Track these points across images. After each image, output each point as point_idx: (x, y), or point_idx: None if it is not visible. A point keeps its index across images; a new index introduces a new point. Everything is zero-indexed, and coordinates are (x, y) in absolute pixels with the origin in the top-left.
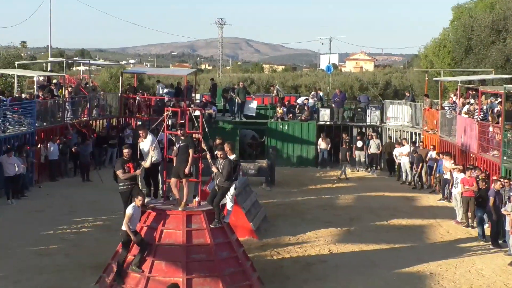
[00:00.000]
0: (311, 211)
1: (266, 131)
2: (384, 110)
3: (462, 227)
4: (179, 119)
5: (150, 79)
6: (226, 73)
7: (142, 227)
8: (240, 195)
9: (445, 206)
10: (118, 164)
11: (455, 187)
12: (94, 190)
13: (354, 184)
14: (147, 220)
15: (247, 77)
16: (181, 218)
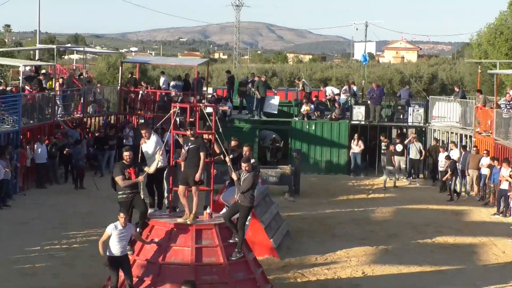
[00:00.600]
0: (342, 226)
1: (290, 131)
2: (429, 108)
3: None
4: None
5: (155, 70)
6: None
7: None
8: (259, 206)
9: (501, 221)
10: (117, 169)
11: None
12: (89, 199)
13: (393, 195)
14: (149, 235)
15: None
16: (189, 233)
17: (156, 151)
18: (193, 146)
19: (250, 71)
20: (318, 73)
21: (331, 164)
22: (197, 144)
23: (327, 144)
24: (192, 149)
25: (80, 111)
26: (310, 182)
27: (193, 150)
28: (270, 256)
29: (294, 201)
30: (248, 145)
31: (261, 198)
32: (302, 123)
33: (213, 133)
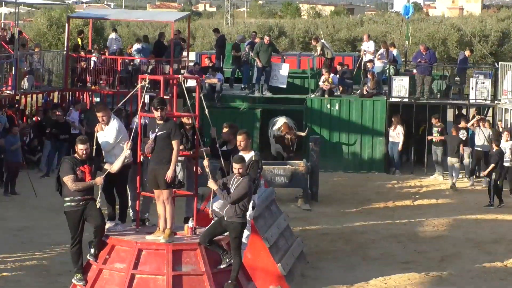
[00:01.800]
0: (377, 244)
1: (304, 113)
2: (499, 79)
3: None
4: (162, 94)
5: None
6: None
7: (101, 269)
8: (261, 218)
9: None
10: (65, 166)
11: None
12: (23, 210)
13: (449, 200)
14: (108, 258)
15: (274, 25)
16: (164, 255)
17: (118, 142)
18: (162, 133)
19: (248, 29)
20: (343, 32)
21: (361, 158)
22: (167, 130)
23: (356, 130)
24: (160, 137)
25: (10, 87)
26: (332, 184)
27: (162, 139)
28: (278, 286)
29: (311, 210)
30: (244, 132)
31: (264, 206)
32: (322, 101)
33: (196, 115)
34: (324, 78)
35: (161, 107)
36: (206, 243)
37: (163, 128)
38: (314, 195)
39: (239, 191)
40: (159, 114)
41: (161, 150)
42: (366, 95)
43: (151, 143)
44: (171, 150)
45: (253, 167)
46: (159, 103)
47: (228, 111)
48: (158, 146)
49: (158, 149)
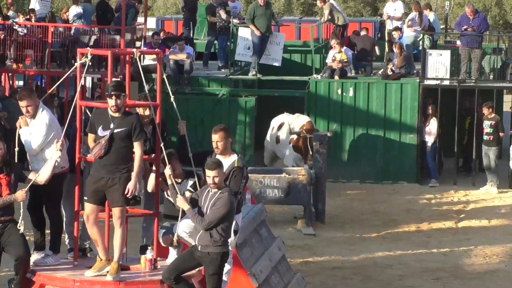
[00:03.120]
0: (407, 282)
1: (307, 101)
2: None
3: None
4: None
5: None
6: None
7: None
8: (248, 246)
9: None
10: None
11: None
12: None
13: (506, 221)
14: None
15: None
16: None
17: (49, 141)
18: (121, 131)
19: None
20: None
21: (385, 164)
22: (128, 127)
23: (377, 125)
24: (118, 135)
25: None
26: (345, 199)
27: (120, 138)
28: None
29: (315, 235)
30: (221, 129)
31: (251, 230)
32: (330, 85)
33: (157, 105)
34: (334, 53)
35: (117, 93)
36: (171, 281)
37: (122, 123)
38: (319, 215)
39: (217, 211)
40: (114, 104)
41: (117, 153)
42: (391, 76)
43: (104, 144)
44: (131, 154)
45: (235, 176)
46: (115, 87)
47: (201, 99)
48: (114, 148)
49: (113, 152)
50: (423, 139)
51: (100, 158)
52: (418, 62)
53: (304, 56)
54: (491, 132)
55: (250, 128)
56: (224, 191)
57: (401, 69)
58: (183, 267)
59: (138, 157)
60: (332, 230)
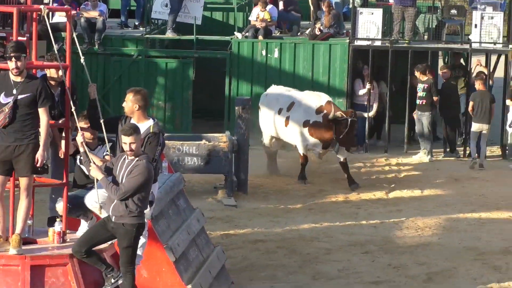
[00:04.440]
0: (334, 256)
1: (229, 63)
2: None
3: None
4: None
5: None
6: None
7: None
8: (164, 218)
9: None
10: None
11: None
12: None
13: (440, 191)
14: None
15: None
16: (17, 274)
17: None
18: (24, 97)
19: None
20: None
21: None
22: (33, 92)
23: (304, 88)
24: (22, 102)
25: None
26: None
27: (25, 105)
28: None
29: (237, 206)
30: (135, 91)
31: (168, 200)
32: (254, 45)
33: (67, 66)
34: (258, 11)
35: (17, 55)
36: (82, 254)
37: (26, 89)
38: (241, 185)
39: (133, 179)
40: (15, 66)
41: (23, 121)
42: (319, 36)
43: (8, 112)
44: (38, 120)
45: (151, 142)
46: (14, 49)
47: (115, 60)
48: (18, 115)
49: (19, 119)
50: (354, 102)
51: (4, 127)
52: (347, 22)
53: (226, 14)
54: (424, 96)
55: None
56: (142, 158)
57: (329, 29)
58: (95, 240)
59: (44, 124)
60: (255, 201)
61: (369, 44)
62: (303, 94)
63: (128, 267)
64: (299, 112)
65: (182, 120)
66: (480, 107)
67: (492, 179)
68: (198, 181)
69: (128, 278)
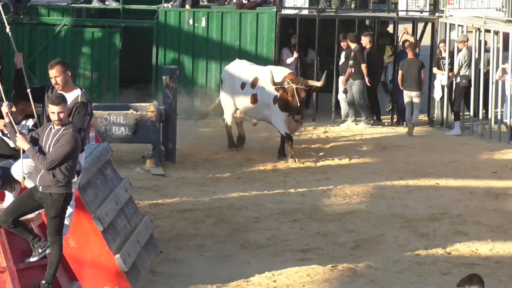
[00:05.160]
0: (263, 224)
1: (156, 32)
2: None
3: None
4: None
5: None
6: None
7: None
8: (91, 188)
9: None
10: None
11: None
12: None
13: (368, 159)
14: None
15: None
16: None
17: None
18: None
19: None
20: None
21: None
22: None
23: (231, 57)
24: None
25: None
26: (197, 137)
27: None
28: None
29: (165, 175)
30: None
31: (95, 170)
32: (181, 14)
33: None
34: None
35: None
36: (9, 224)
37: None
38: (169, 154)
39: (60, 148)
40: None
41: None
42: (246, 5)
43: None
44: None
45: (79, 112)
46: None
47: (41, 30)
48: None
49: None
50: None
51: None
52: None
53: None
54: (352, 64)
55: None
56: (68, 127)
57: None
58: (22, 210)
59: None
60: (183, 170)
61: (296, 13)
62: (265, 69)
63: (55, 237)
64: (266, 89)
65: (109, 90)
66: (408, 75)
67: (419, 146)
68: (126, 150)
69: (56, 248)
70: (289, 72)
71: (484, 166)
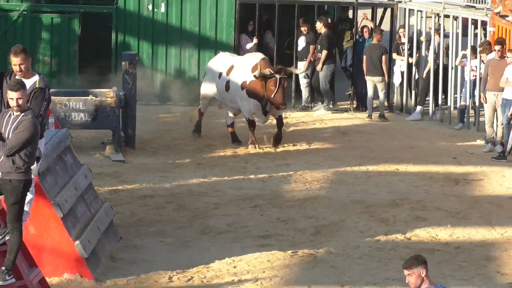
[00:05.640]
0: (223, 210)
1: (115, 18)
2: None
3: None
4: None
5: None
6: None
7: None
8: (51, 174)
9: None
10: None
11: None
12: None
13: (328, 145)
14: None
15: None
16: None
17: None
18: None
19: None
20: None
21: (199, 85)
22: None
23: (191, 43)
24: None
25: None
26: (157, 123)
27: None
28: (76, 275)
29: (125, 161)
30: (20, 50)
31: (55, 156)
32: (140, 0)
33: None
34: None
35: None
36: None
37: None
38: (129, 140)
39: (19, 134)
40: None
41: None
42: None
43: None
44: None
45: (36, 97)
46: None
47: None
48: None
49: None
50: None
51: None
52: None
53: None
54: (320, 49)
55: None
56: (27, 113)
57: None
58: None
59: None
60: (143, 156)
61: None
62: (242, 57)
63: (15, 223)
64: (237, 74)
65: (69, 76)
66: (370, 60)
67: (378, 132)
68: (85, 137)
69: (15, 234)
70: (262, 58)
71: (443, 151)
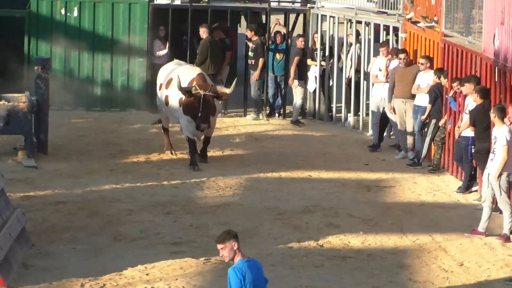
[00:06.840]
0: (136, 217)
1: (28, 22)
2: None
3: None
4: None
5: None
6: None
7: None
8: None
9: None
10: None
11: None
12: None
13: (240, 151)
14: None
15: None
16: None
17: None
18: None
19: None
20: None
21: (113, 91)
22: None
23: (104, 48)
24: None
25: None
26: (69, 128)
27: None
28: None
29: (37, 167)
30: None
31: None
32: (53, 4)
33: None
34: None
35: None
36: None
37: None
38: (42, 146)
39: None
40: None
41: None
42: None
43: None
44: None
45: None
46: None
47: None
48: None
49: None
50: (154, 63)
51: None
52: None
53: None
54: (252, 56)
55: None
56: None
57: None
58: None
59: None
60: (55, 162)
61: (169, 3)
62: (180, 70)
63: None
64: (175, 89)
65: None
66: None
67: (291, 138)
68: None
69: None
70: (198, 74)
71: (355, 158)
